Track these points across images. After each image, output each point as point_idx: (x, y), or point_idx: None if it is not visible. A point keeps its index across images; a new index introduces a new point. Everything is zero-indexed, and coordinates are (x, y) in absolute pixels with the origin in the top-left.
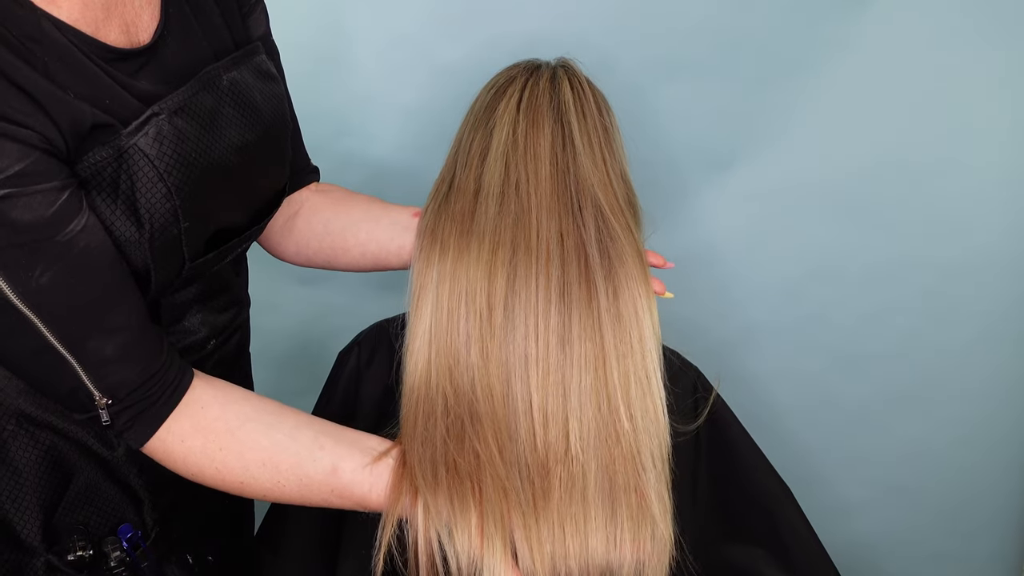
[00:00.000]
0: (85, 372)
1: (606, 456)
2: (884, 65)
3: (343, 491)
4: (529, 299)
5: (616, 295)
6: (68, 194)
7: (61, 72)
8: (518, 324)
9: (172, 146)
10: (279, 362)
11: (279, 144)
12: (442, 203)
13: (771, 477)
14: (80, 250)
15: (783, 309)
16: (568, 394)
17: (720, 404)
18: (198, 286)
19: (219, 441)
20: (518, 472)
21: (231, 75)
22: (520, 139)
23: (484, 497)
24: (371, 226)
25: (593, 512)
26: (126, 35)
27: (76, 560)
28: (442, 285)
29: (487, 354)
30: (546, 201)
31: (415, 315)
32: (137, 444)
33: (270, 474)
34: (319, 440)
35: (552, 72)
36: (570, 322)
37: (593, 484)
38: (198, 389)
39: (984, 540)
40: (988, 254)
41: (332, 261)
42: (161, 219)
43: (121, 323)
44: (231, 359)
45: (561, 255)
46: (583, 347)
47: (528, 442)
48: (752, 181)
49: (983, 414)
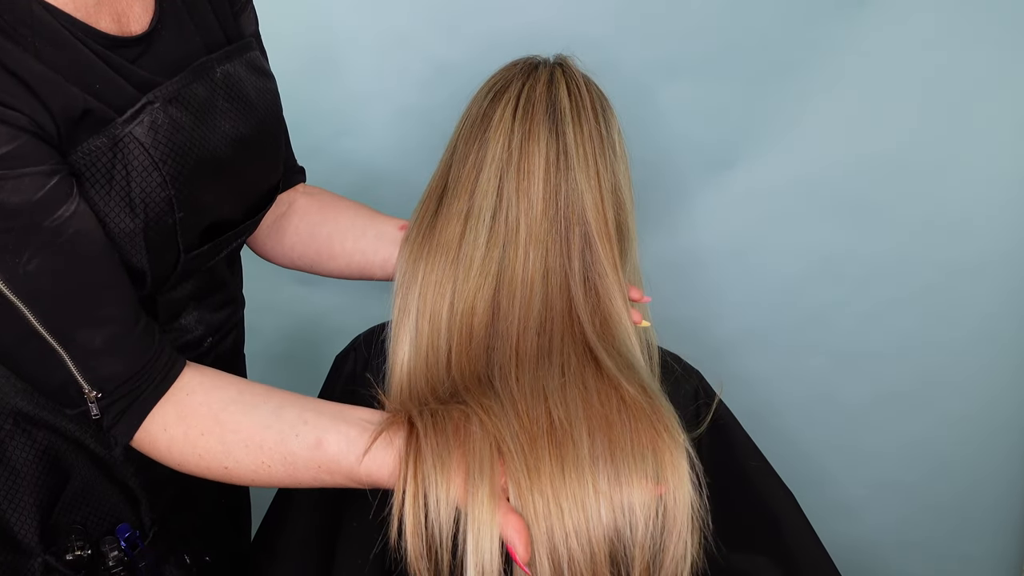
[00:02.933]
0: (74, 363)
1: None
2: (884, 65)
3: (330, 466)
4: (509, 331)
5: (604, 324)
6: (58, 179)
7: (53, 55)
8: (496, 352)
9: (167, 135)
10: (277, 363)
11: (273, 139)
12: (430, 224)
13: (775, 483)
14: (69, 237)
15: (783, 309)
16: (549, 393)
17: (722, 409)
18: (194, 283)
19: (201, 426)
20: (509, 430)
21: (224, 67)
22: (515, 153)
23: (468, 446)
24: (357, 236)
25: (589, 463)
26: (117, 25)
27: (74, 560)
28: (423, 311)
29: (464, 372)
30: (535, 229)
31: (396, 341)
32: (125, 438)
33: (254, 455)
34: (303, 415)
35: (550, 73)
36: (549, 348)
37: (586, 437)
38: (186, 377)
39: (984, 540)
40: (988, 254)
41: (316, 266)
42: (156, 208)
43: (111, 314)
44: (227, 358)
45: (544, 291)
46: (567, 375)
47: (512, 406)
48: (752, 181)
49: (983, 414)
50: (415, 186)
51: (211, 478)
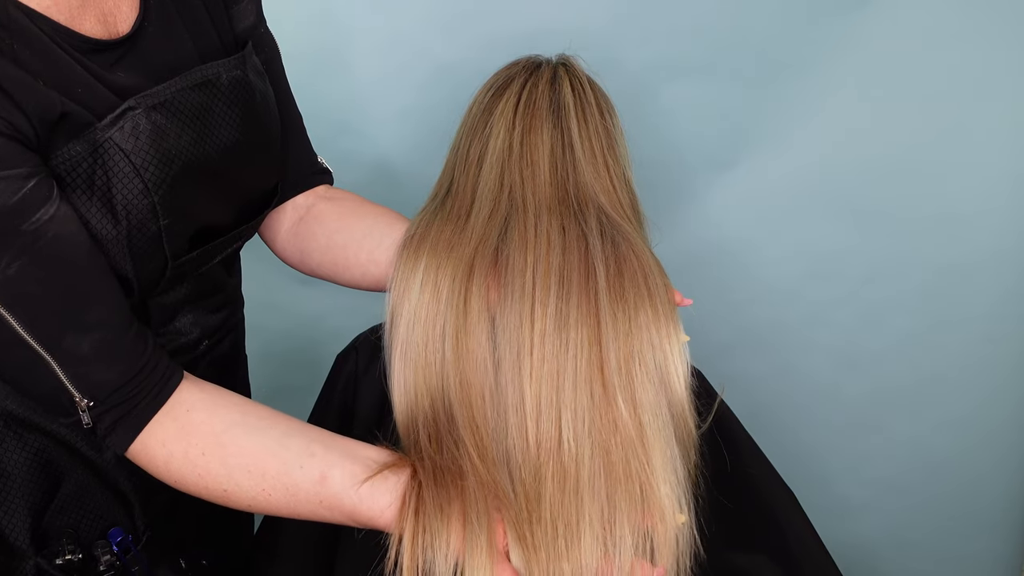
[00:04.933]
0: (63, 370)
1: (601, 445)
2: (884, 65)
3: (332, 502)
4: (525, 288)
5: (620, 273)
6: (35, 182)
7: (29, 59)
8: (510, 315)
9: (149, 141)
10: (278, 362)
11: (270, 143)
12: (428, 224)
13: (776, 484)
14: (48, 240)
15: (783, 309)
16: (563, 385)
17: (724, 409)
18: (188, 287)
19: (202, 445)
20: (508, 473)
21: (234, 74)
22: (516, 145)
23: (466, 498)
24: (373, 247)
25: (588, 509)
26: (103, 26)
27: (65, 564)
28: (424, 287)
29: (463, 350)
30: (546, 202)
31: (393, 328)
32: (120, 448)
33: (255, 481)
34: (310, 448)
35: (552, 72)
36: (568, 309)
37: (587, 478)
38: (185, 391)
39: (984, 540)
40: (988, 254)
41: (334, 276)
42: (138, 215)
43: (98, 319)
44: (225, 360)
45: (563, 243)
46: (580, 332)
47: (519, 438)
48: (753, 180)
49: (983, 414)
50: (415, 186)
51: (208, 499)
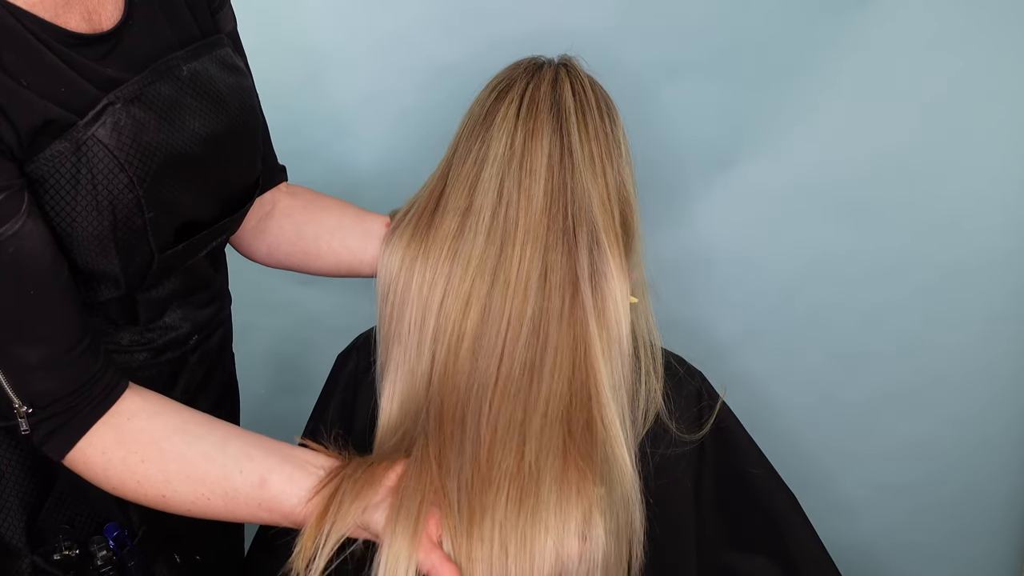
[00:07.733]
0: (5, 376)
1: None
2: (884, 65)
3: (271, 505)
4: (496, 342)
5: (603, 303)
6: (5, 196)
7: (13, 61)
8: (483, 352)
9: (131, 136)
10: (277, 363)
11: (249, 137)
12: (427, 223)
13: (776, 484)
14: (10, 255)
15: (783, 308)
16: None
17: (725, 411)
18: (176, 281)
19: (141, 452)
20: (456, 481)
21: (191, 65)
22: (517, 151)
23: (403, 491)
24: (344, 235)
25: (543, 506)
26: (88, 22)
27: (62, 560)
28: (416, 310)
29: (449, 374)
30: (533, 227)
31: (386, 338)
32: (57, 456)
33: (194, 487)
34: (247, 451)
35: (554, 73)
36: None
37: (548, 478)
38: (127, 400)
39: (984, 540)
40: (988, 254)
41: (304, 265)
42: (124, 209)
43: (47, 334)
44: (214, 355)
45: (542, 290)
46: (558, 357)
47: (474, 451)
48: (753, 180)
49: (983, 414)
50: (415, 187)
51: (146, 504)
